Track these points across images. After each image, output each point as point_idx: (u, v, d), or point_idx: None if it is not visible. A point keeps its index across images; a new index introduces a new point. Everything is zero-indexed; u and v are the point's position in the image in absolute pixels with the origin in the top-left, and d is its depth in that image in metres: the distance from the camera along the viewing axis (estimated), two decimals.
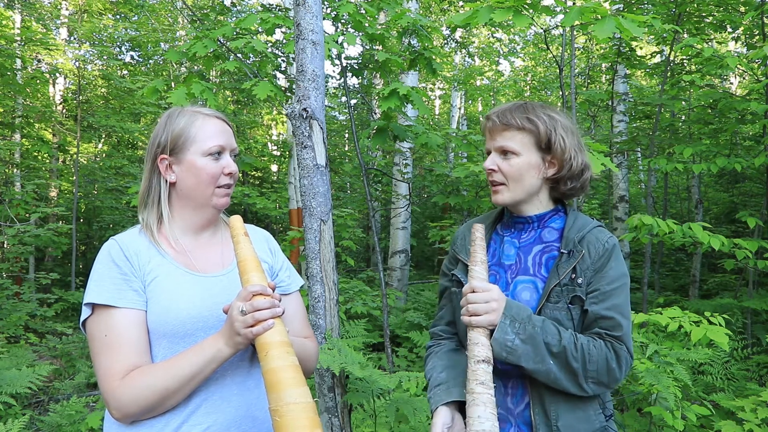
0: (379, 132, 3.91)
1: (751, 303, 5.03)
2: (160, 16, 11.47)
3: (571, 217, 1.39)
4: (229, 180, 1.32)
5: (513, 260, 1.39)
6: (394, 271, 7.60)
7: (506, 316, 1.23)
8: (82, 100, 10.00)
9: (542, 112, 1.35)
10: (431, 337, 1.56)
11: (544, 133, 1.33)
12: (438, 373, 1.38)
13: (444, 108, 15.74)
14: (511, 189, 1.36)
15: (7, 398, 3.36)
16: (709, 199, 9.10)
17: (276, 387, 1.06)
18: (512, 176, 1.35)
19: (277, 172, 13.07)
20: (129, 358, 1.17)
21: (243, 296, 1.14)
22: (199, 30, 4.83)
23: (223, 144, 1.31)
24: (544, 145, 1.34)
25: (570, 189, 1.39)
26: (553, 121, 1.35)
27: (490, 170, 1.37)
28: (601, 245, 1.32)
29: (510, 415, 1.33)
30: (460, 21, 2.96)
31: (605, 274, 1.30)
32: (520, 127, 1.33)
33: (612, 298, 1.29)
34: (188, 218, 1.33)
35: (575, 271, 1.30)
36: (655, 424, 2.86)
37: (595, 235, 1.34)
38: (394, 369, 4.44)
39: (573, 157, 1.36)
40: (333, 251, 2.55)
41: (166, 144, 1.30)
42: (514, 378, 1.34)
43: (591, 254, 1.30)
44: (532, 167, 1.35)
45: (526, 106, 1.36)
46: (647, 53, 9.51)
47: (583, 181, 1.40)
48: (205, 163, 1.29)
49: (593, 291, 1.29)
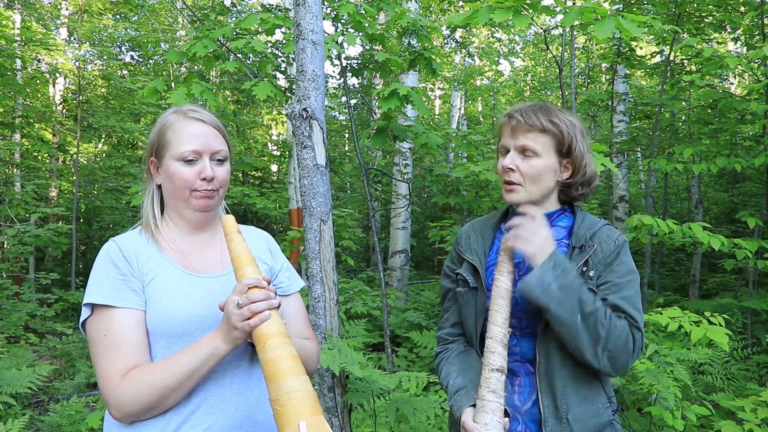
0: (379, 132, 3.91)
1: (751, 303, 5.03)
2: (160, 16, 11.47)
3: (580, 216, 1.42)
4: (208, 185, 1.28)
5: (520, 258, 1.38)
6: (394, 271, 7.60)
7: (552, 258, 1.26)
8: (82, 100, 10.00)
9: (564, 117, 1.37)
10: (438, 342, 1.56)
11: (566, 137, 1.35)
12: (454, 379, 1.39)
13: (444, 108, 15.74)
14: (527, 189, 1.36)
15: (7, 398, 3.36)
16: (709, 199, 9.10)
17: (275, 377, 1.05)
18: (530, 177, 1.35)
19: (277, 172, 13.07)
20: (128, 358, 1.17)
21: (238, 290, 1.14)
22: (199, 30, 4.83)
23: (198, 149, 1.27)
24: (564, 149, 1.36)
25: (580, 194, 1.42)
26: (574, 127, 1.37)
27: (509, 169, 1.36)
28: (612, 242, 1.34)
29: (517, 412, 1.34)
30: (460, 21, 2.96)
31: (616, 269, 1.32)
32: (544, 129, 1.34)
33: (625, 290, 1.31)
34: (178, 219, 1.33)
35: (587, 264, 1.32)
36: (655, 424, 2.85)
37: (605, 232, 1.37)
38: (394, 369, 4.44)
39: (588, 164, 1.39)
40: (333, 251, 2.55)
41: (153, 145, 1.31)
42: (521, 376, 1.35)
43: (603, 249, 1.33)
44: (550, 170, 1.36)
45: (549, 109, 1.37)
46: (647, 53, 9.51)
47: (592, 188, 1.43)
48: (178, 168, 1.27)
49: (605, 283, 1.31)
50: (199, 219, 1.34)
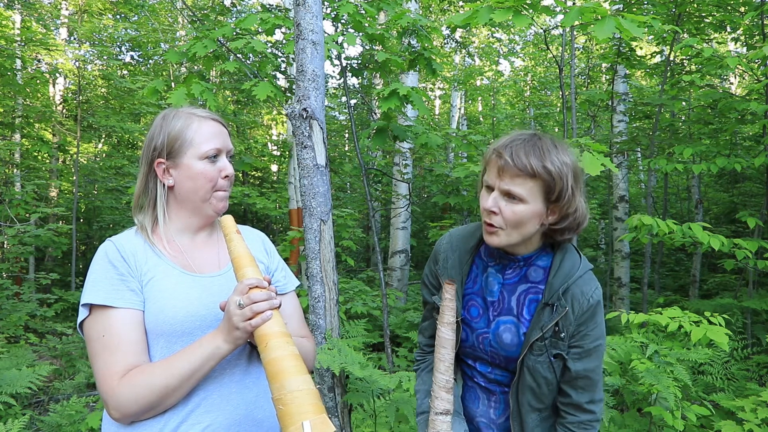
0: (379, 132, 3.91)
1: (751, 303, 5.03)
2: (160, 17, 11.48)
3: (558, 258, 1.34)
4: (227, 182, 1.32)
5: (496, 297, 1.38)
6: (394, 271, 7.60)
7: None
8: (82, 100, 10.00)
9: (557, 157, 1.25)
10: (418, 346, 1.60)
11: (557, 183, 1.24)
12: (422, 400, 1.48)
13: (444, 108, 15.74)
14: (508, 234, 1.29)
15: (7, 398, 3.36)
16: (709, 199, 9.10)
17: (278, 376, 1.05)
18: (513, 222, 1.27)
19: (277, 172, 13.07)
20: (127, 358, 1.17)
21: (240, 290, 1.14)
22: (199, 30, 4.83)
23: (220, 147, 1.31)
24: (554, 196, 1.26)
25: (565, 238, 1.34)
26: (567, 168, 1.26)
27: (491, 212, 1.28)
28: (585, 301, 1.30)
29: (492, 424, 1.43)
30: (460, 21, 2.96)
31: (590, 333, 1.32)
32: (533, 174, 1.23)
33: (592, 358, 1.33)
34: (185, 220, 1.33)
35: (558, 326, 1.30)
36: (655, 424, 2.85)
37: (580, 288, 1.31)
38: (394, 369, 4.44)
39: (578, 209, 1.30)
40: (333, 251, 2.55)
41: (162, 148, 1.29)
42: (497, 394, 1.42)
43: (575, 310, 1.30)
44: (535, 216, 1.27)
45: (542, 148, 1.25)
46: (647, 53, 9.51)
47: (580, 230, 1.36)
48: (203, 167, 1.28)
49: (576, 347, 1.32)
50: (204, 220, 1.34)
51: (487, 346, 1.38)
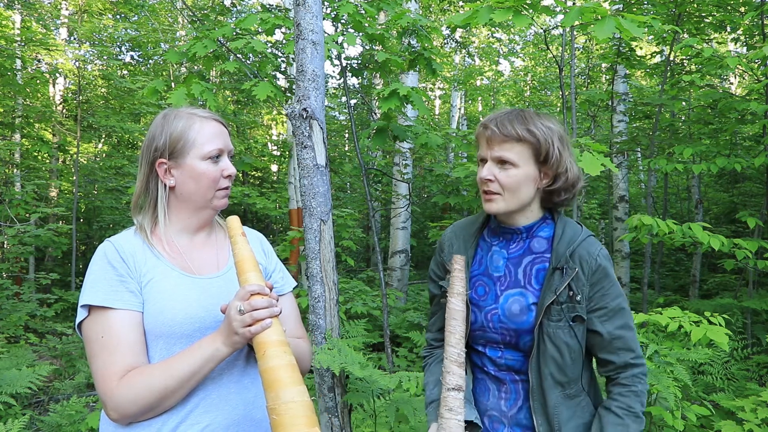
0: (379, 132, 3.91)
1: (751, 303, 5.03)
2: (160, 17, 11.48)
3: (560, 227, 1.38)
4: (228, 182, 1.33)
5: (502, 272, 1.39)
6: (394, 271, 7.60)
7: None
8: (82, 100, 10.00)
9: (540, 123, 1.33)
10: (426, 343, 1.59)
11: (543, 145, 1.32)
12: (430, 390, 1.44)
13: (444, 108, 15.74)
14: (506, 199, 1.34)
15: (7, 398, 3.36)
16: (709, 199, 9.10)
17: (273, 386, 1.06)
18: (509, 187, 1.33)
19: (277, 172, 13.07)
20: (126, 359, 1.16)
21: (241, 296, 1.14)
22: (199, 30, 4.83)
23: (222, 147, 1.31)
24: (542, 157, 1.33)
25: (563, 199, 1.39)
26: (551, 132, 1.34)
27: (487, 180, 1.34)
28: (593, 260, 1.33)
29: (504, 417, 1.38)
30: (460, 21, 2.96)
31: (607, 292, 1.32)
32: (519, 138, 1.31)
33: (619, 316, 1.33)
34: (185, 220, 1.33)
35: (571, 288, 1.31)
36: (655, 424, 2.85)
37: (586, 249, 1.34)
38: (394, 369, 4.44)
39: (568, 169, 1.36)
40: (333, 251, 2.55)
41: (164, 148, 1.28)
42: (507, 383, 1.38)
43: (584, 270, 1.32)
44: (529, 179, 1.34)
45: (525, 116, 1.34)
46: (647, 53, 9.51)
47: (576, 192, 1.40)
48: (206, 167, 1.28)
49: (599, 309, 1.32)
50: (204, 220, 1.34)
51: (496, 322, 1.36)
